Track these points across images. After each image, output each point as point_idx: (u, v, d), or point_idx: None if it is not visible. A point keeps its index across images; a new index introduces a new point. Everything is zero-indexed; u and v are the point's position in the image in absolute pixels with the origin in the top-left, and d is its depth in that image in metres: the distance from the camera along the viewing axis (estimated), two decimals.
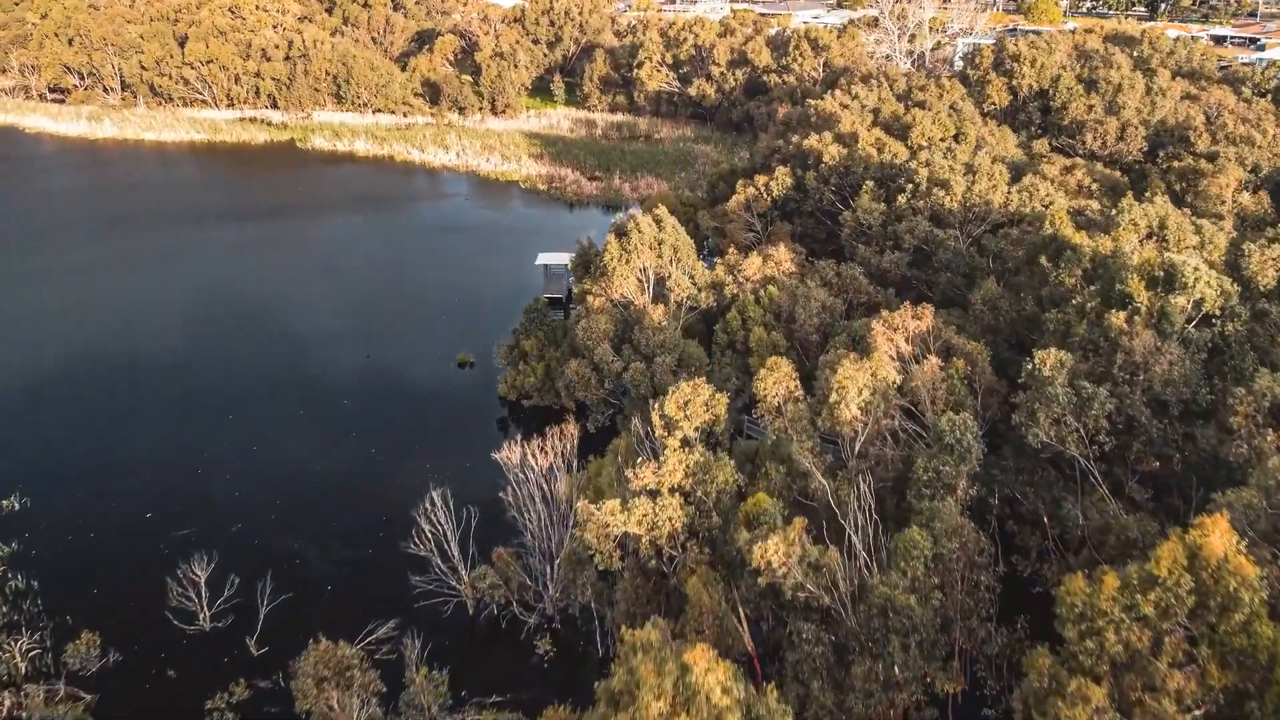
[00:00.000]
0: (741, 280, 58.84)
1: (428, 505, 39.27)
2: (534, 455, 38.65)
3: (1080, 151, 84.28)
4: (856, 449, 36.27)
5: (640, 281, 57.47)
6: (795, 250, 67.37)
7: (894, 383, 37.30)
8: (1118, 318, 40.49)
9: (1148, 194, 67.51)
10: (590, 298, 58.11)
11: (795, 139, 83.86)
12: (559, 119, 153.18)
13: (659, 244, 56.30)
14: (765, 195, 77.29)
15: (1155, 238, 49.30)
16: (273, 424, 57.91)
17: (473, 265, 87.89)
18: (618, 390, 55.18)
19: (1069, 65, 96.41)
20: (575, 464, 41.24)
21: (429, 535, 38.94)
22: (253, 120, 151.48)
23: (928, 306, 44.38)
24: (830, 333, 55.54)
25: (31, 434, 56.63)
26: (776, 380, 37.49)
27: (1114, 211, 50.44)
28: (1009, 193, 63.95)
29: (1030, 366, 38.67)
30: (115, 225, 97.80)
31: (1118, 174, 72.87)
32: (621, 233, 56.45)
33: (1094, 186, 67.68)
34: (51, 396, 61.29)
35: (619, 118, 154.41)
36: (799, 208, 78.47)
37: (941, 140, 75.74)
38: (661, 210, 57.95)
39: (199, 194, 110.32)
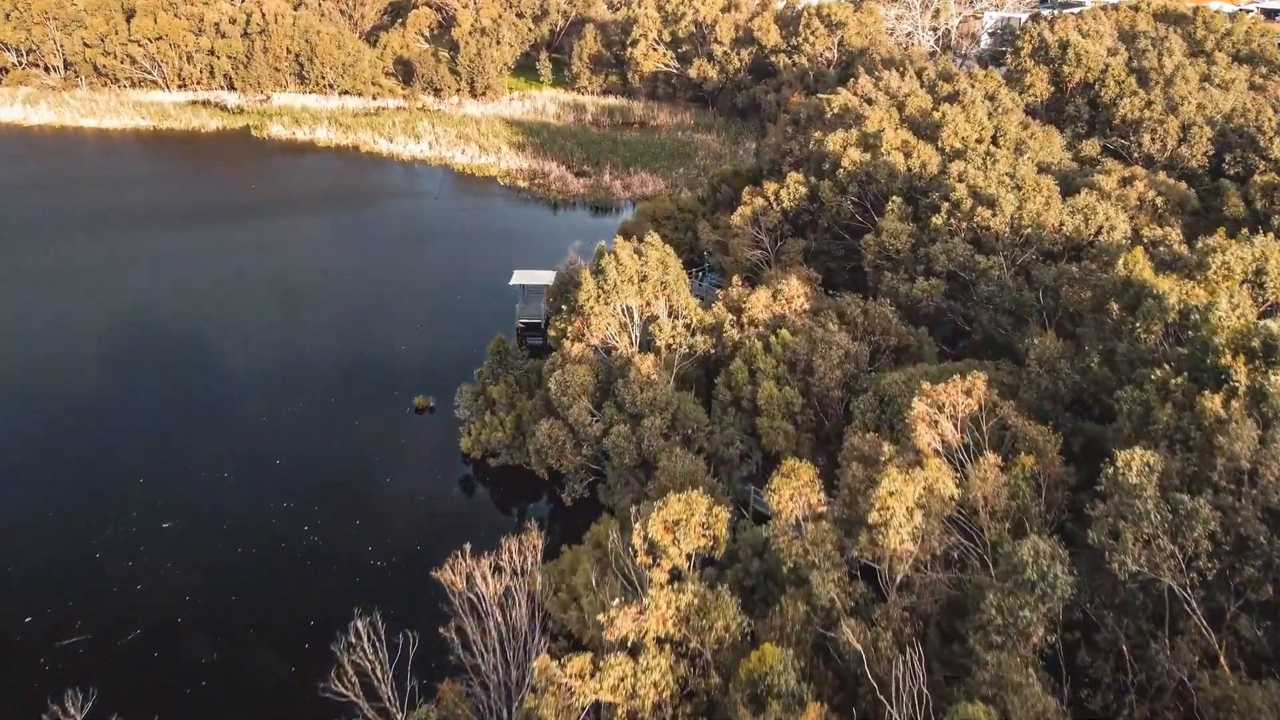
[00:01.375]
0: (747, 321, 52.17)
1: (353, 637, 32.72)
2: (484, 578, 32.12)
3: (1135, 155, 77.50)
4: (899, 579, 29.76)
5: (624, 324, 50.80)
6: (810, 279, 60.75)
7: (952, 498, 30.75)
8: (1212, 402, 33.94)
9: (1227, 211, 60.90)
10: (567, 341, 51.48)
11: (809, 136, 76.99)
12: (544, 102, 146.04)
13: (644, 280, 49.58)
14: (774, 206, 70.52)
15: (1251, 284, 42.68)
16: (189, 490, 51.36)
17: (441, 281, 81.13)
18: (599, 454, 48.64)
19: (1116, 50, 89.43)
20: (540, 579, 34.70)
21: (352, 678, 32.45)
22: (205, 103, 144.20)
23: (979, 376, 37.76)
24: (854, 386, 49.07)
25: None
26: (794, 491, 30.93)
27: (1202, 250, 43.75)
28: (1062, 211, 57.26)
29: (1111, 471, 32.10)
30: (25, 232, 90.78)
31: (1182, 185, 66.10)
32: (598, 269, 49.68)
33: (1159, 201, 60.95)
34: None
35: (611, 101, 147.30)
36: (813, 220, 71.79)
37: (978, 142, 68.92)
38: (653, 239, 51.14)
39: (135, 192, 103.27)
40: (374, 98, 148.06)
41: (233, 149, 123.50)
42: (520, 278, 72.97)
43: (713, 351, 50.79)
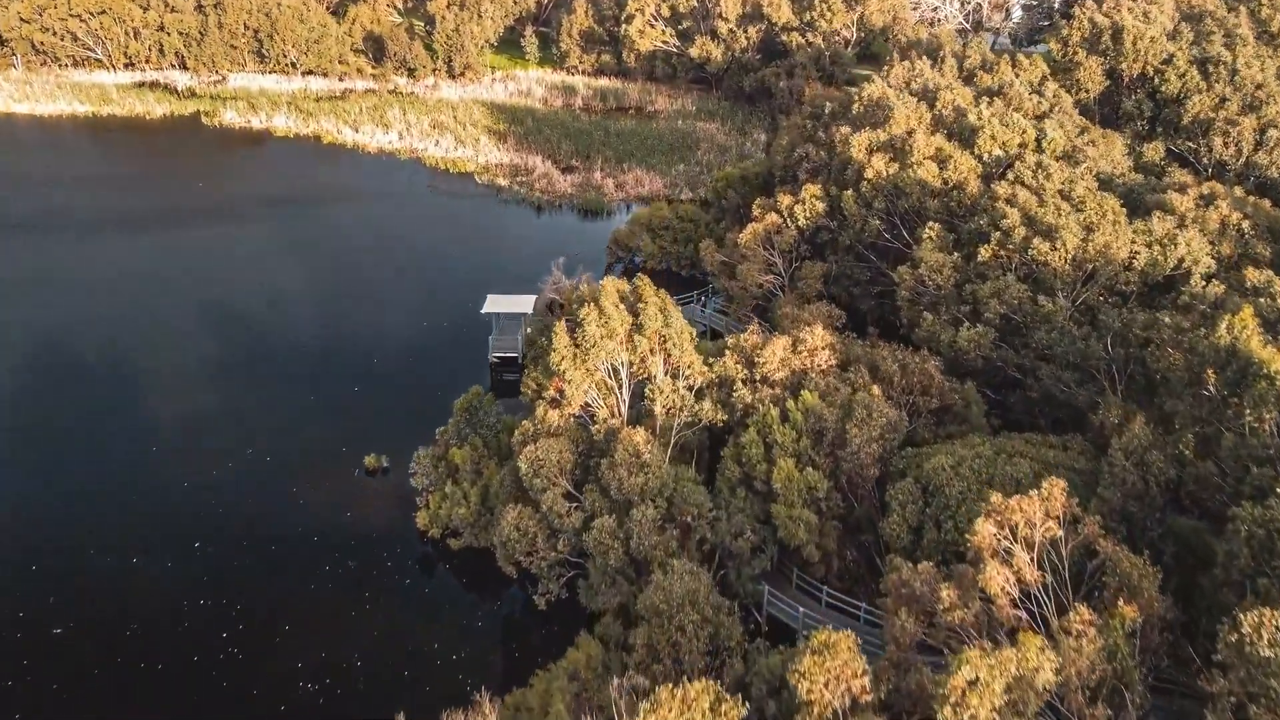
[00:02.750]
0: (760, 379, 45.70)
1: None
2: None
3: (1205, 160, 70.86)
4: None
5: (610, 386, 44.32)
6: (833, 317, 54.29)
7: (1048, 686, 24.35)
8: None
9: None
10: (540, 406, 45.02)
11: (830, 135, 70.31)
12: (530, 84, 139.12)
13: (639, 330, 43.05)
14: (789, 223, 63.95)
15: None
16: (85, 585, 44.99)
17: (405, 304, 74.58)
18: (580, 547, 42.26)
19: (1178, 32, 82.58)
20: None
21: None
22: (153, 85, 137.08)
23: (1057, 485, 31.35)
24: (890, 461, 42.74)
25: None
26: (833, 675, 24.52)
27: None
28: (1134, 240, 50.78)
29: (1235, 639, 25.82)
30: None
31: (1265, 204, 59.58)
32: (576, 323, 43.11)
33: (1245, 226, 54.40)
34: None
35: (604, 83, 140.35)
36: (834, 239, 65.28)
37: (1021, 146, 62.24)
38: (644, 284, 44.52)
39: (61, 193, 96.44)
40: (341, 78, 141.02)
41: (180, 140, 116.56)
42: (494, 305, 66.45)
43: (721, 420, 44.32)
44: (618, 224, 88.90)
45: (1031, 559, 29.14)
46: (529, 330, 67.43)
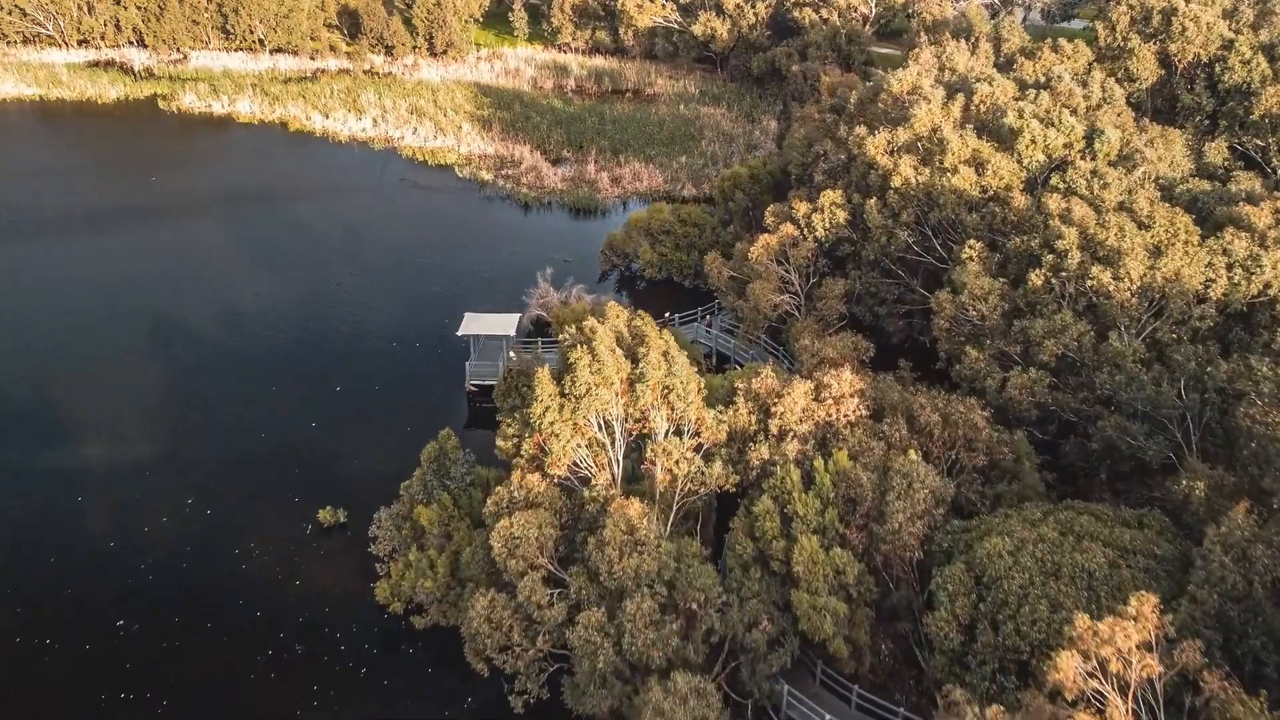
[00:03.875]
0: (777, 433, 40.60)
1: None
2: None
3: (1276, 161, 65.53)
4: None
5: (601, 443, 39.19)
6: (861, 353, 49.19)
7: None
8: None
9: None
10: (519, 467, 39.93)
11: (852, 130, 64.97)
12: (518, 63, 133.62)
13: (641, 380, 37.85)
14: (806, 235, 58.73)
15: None
16: None
17: (372, 323, 69.34)
18: (563, 640, 37.20)
19: (1235, 11, 77.03)
20: None
21: None
22: (108, 65, 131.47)
23: (1148, 599, 26.28)
24: (934, 540, 37.74)
25: None
26: None
27: None
28: (1207, 263, 45.60)
29: None
30: None
31: None
32: (567, 365, 37.93)
33: None
34: None
35: (599, 62, 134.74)
36: (856, 252, 60.09)
37: (1065, 146, 56.93)
38: (646, 323, 39.23)
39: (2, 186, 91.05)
40: (312, 56, 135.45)
41: (134, 127, 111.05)
42: (472, 325, 61.25)
43: (733, 484, 39.25)
44: (613, 225, 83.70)
45: (1127, 709, 24.06)
46: (512, 355, 62.26)
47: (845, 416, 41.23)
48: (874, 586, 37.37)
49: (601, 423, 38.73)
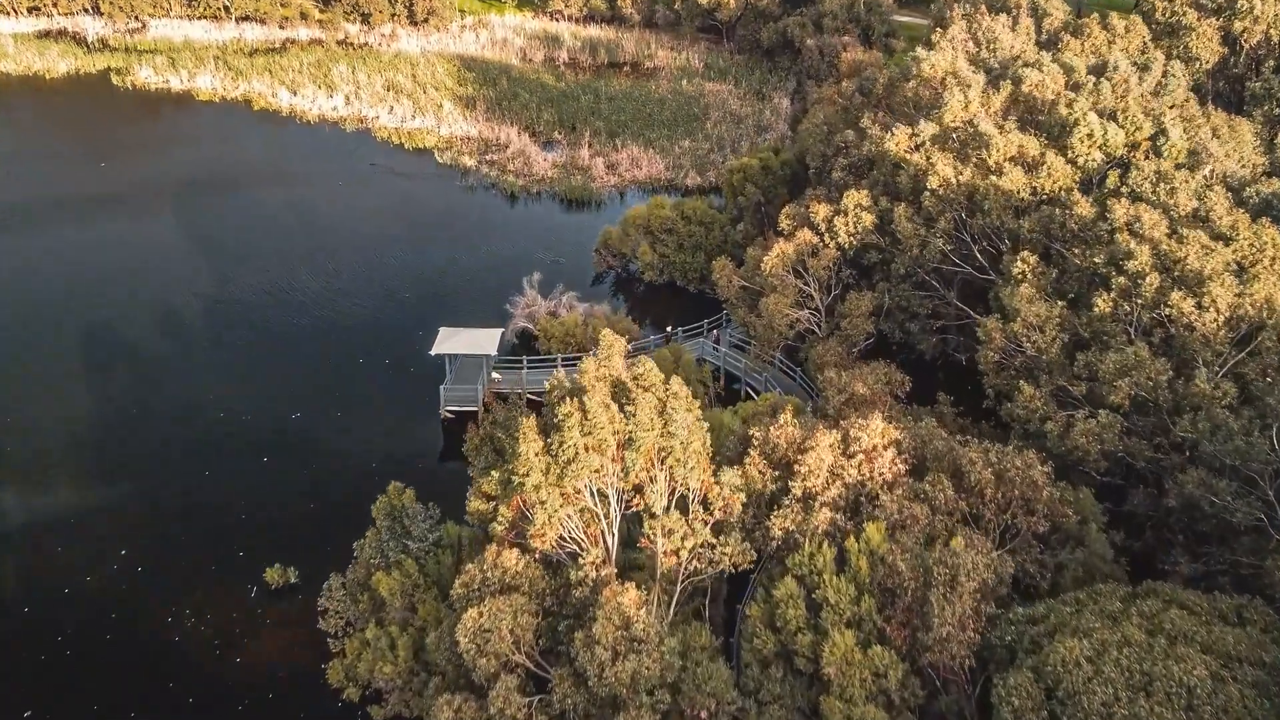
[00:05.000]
0: (800, 497, 35.55)
1: None
2: None
3: None
4: None
5: (594, 513, 34.11)
6: (894, 386, 44.13)
7: None
8: None
9: None
10: (495, 538, 34.92)
11: (873, 122, 59.67)
12: (506, 33, 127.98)
13: (632, 444, 32.66)
14: (827, 242, 53.53)
15: None
16: None
17: (331, 335, 64.08)
18: None
19: None
20: None
21: None
22: (59, 35, 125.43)
23: None
24: (992, 634, 32.80)
25: None
26: None
27: None
28: None
29: None
30: None
31: None
32: (554, 424, 32.74)
33: None
34: None
35: (594, 32, 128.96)
36: (884, 260, 54.90)
37: (1129, 147, 51.65)
38: (647, 371, 33.90)
39: None
40: (281, 25, 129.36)
41: (84, 105, 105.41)
42: (448, 342, 56.14)
43: (749, 562, 34.21)
44: (608, 218, 78.50)
45: None
46: (496, 377, 57.29)
47: (880, 474, 36.13)
48: (919, 688, 32.40)
49: (594, 492, 33.60)
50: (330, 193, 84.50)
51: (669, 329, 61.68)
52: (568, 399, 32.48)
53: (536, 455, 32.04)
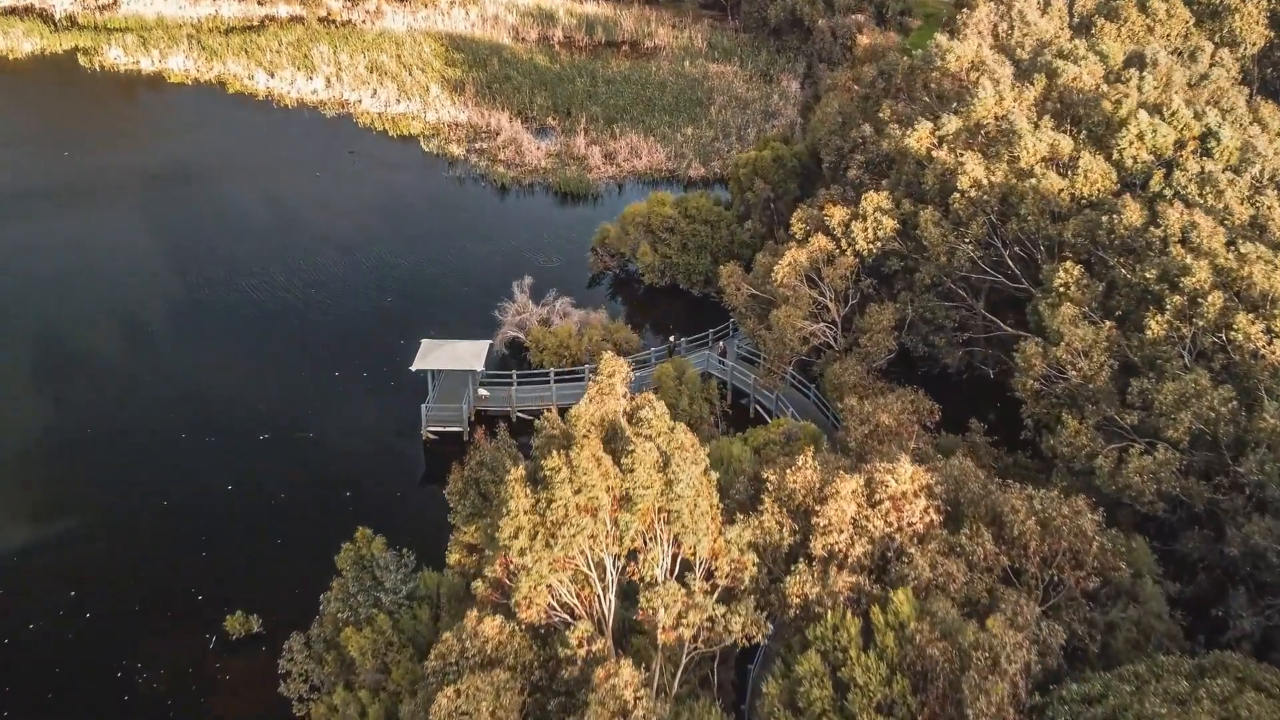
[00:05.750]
0: (822, 554, 32.23)
1: None
2: None
3: None
4: None
5: (588, 578, 30.74)
6: (923, 415, 40.81)
7: None
8: None
9: None
10: (476, 603, 31.63)
11: (892, 116, 56.16)
12: (498, 9, 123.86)
13: (629, 502, 29.20)
14: (844, 248, 50.07)
15: None
16: None
17: (303, 345, 60.67)
18: None
19: None
20: None
21: None
22: (25, 12, 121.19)
23: None
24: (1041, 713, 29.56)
25: None
26: None
27: None
28: None
29: None
30: None
31: None
32: (541, 478, 29.27)
33: None
34: None
35: (591, 9, 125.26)
36: (906, 268, 51.43)
37: (1178, 146, 48.09)
38: (648, 411, 30.29)
39: None
40: (260, 1, 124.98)
41: (49, 88, 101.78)
42: (431, 356, 52.89)
43: (763, 635, 30.85)
44: (605, 213, 75.08)
45: None
46: (483, 393, 54.00)
47: (910, 525, 32.79)
48: None
49: (588, 558, 30.21)
50: (307, 185, 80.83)
51: (671, 338, 58.32)
52: (556, 452, 29.01)
53: (525, 514, 28.63)
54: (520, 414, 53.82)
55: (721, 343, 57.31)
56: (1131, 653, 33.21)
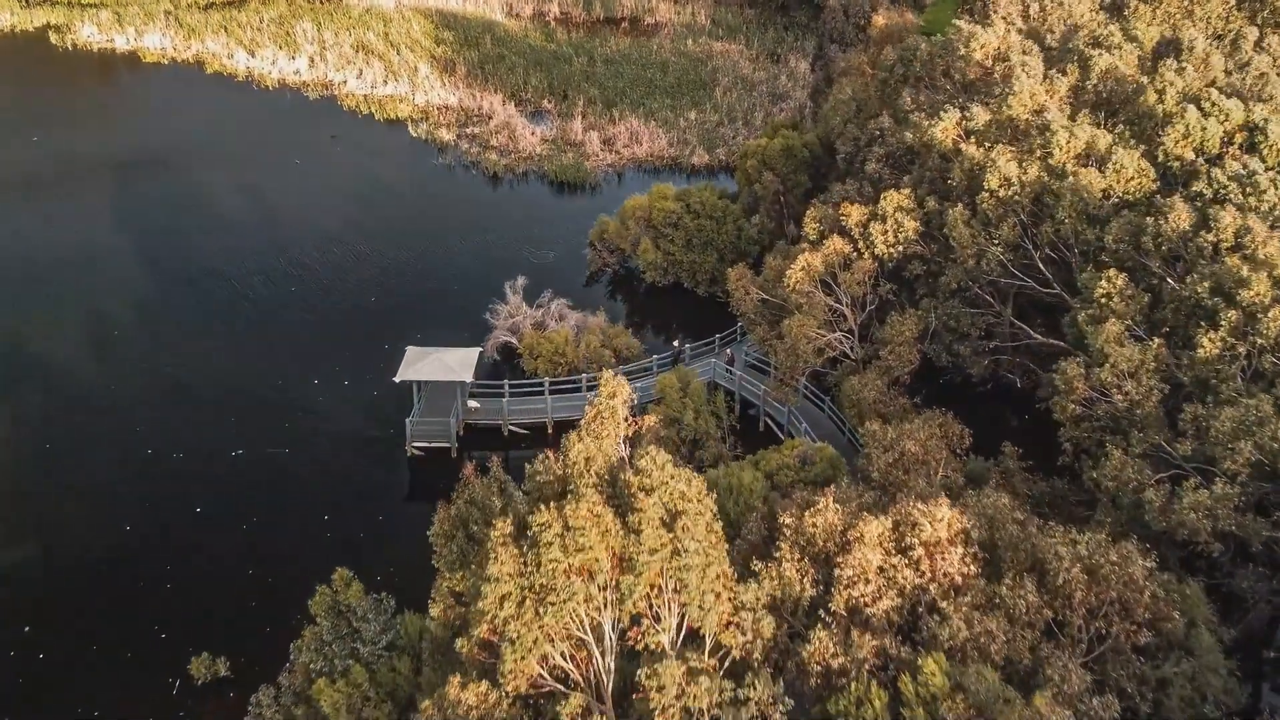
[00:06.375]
0: (844, 609, 29.42)
1: None
2: None
3: None
4: None
5: (583, 642, 27.89)
6: (953, 440, 38.03)
7: None
8: None
9: None
10: (460, 666, 28.88)
11: (915, 106, 53.15)
12: None
13: (632, 570, 26.25)
14: (862, 252, 47.15)
15: None
16: None
17: (278, 347, 57.74)
18: None
19: None
20: None
21: None
22: None
23: None
24: None
25: None
26: None
27: None
28: None
29: None
30: None
31: None
32: (530, 539, 26.31)
33: None
34: None
35: None
36: (929, 271, 48.49)
37: (1225, 141, 45.06)
38: (653, 463, 27.24)
39: None
40: None
41: (19, 67, 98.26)
42: (416, 366, 50.07)
43: (781, 715, 27.99)
44: (604, 204, 72.12)
45: None
46: (473, 405, 51.20)
47: (945, 575, 29.95)
48: None
49: (583, 623, 27.35)
50: (286, 174, 77.57)
51: (676, 343, 55.46)
52: (548, 506, 26.07)
53: (510, 576, 25.76)
54: (513, 427, 51.04)
55: (729, 349, 54.40)
56: (1185, 710, 30.73)
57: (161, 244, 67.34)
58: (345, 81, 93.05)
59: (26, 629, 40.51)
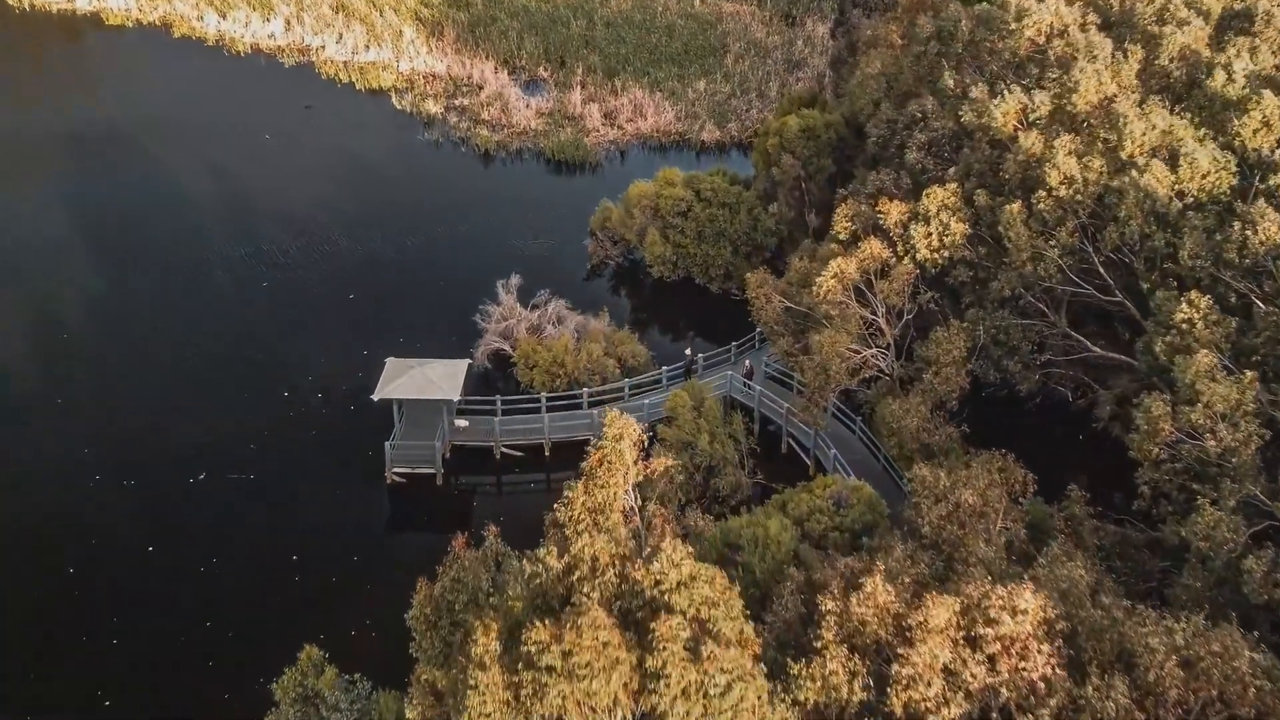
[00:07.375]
0: (901, 709, 25.37)
1: None
2: None
3: None
4: None
5: None
6: (1014, 485, 33.91)
7: None
8: None
9: None
10: None
11: (958, 85, 48.57)
12: None
13: (650, 689, 21.98)
14: (902, 255, 42.73)
15: None
16: None
17: (240, 356, 53.41)
18: None
19: None
20: None
21: None
22: None
23: None
24: None
25: None
26: None
27: None
28: None
29: None
30: None
31: None
32: (521, 658, 21.96)
33: None
34: None
35: None
36: (977, 277, 44.06)
37: None
38: (671, 557, 22.85)
39: None
40: None
41: None
42: (396, 381, 45.89)
43: None
44: (606, 185, 67.89)
45: None
46: (461, 424, 46.99)
47: (1025, 673, 25.79)
48: None
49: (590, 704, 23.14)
50: (256, 151, 72.74)
51: (688, 352, 51.14)
52: (544, 623, 21.77)
53: (495, 703, 21.53)
54: (506, 449, 46.85)
55: (747, 360, 50.11)
56: None
57: (112, 232, 62.88)
58: (324, 46, 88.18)
59: None
